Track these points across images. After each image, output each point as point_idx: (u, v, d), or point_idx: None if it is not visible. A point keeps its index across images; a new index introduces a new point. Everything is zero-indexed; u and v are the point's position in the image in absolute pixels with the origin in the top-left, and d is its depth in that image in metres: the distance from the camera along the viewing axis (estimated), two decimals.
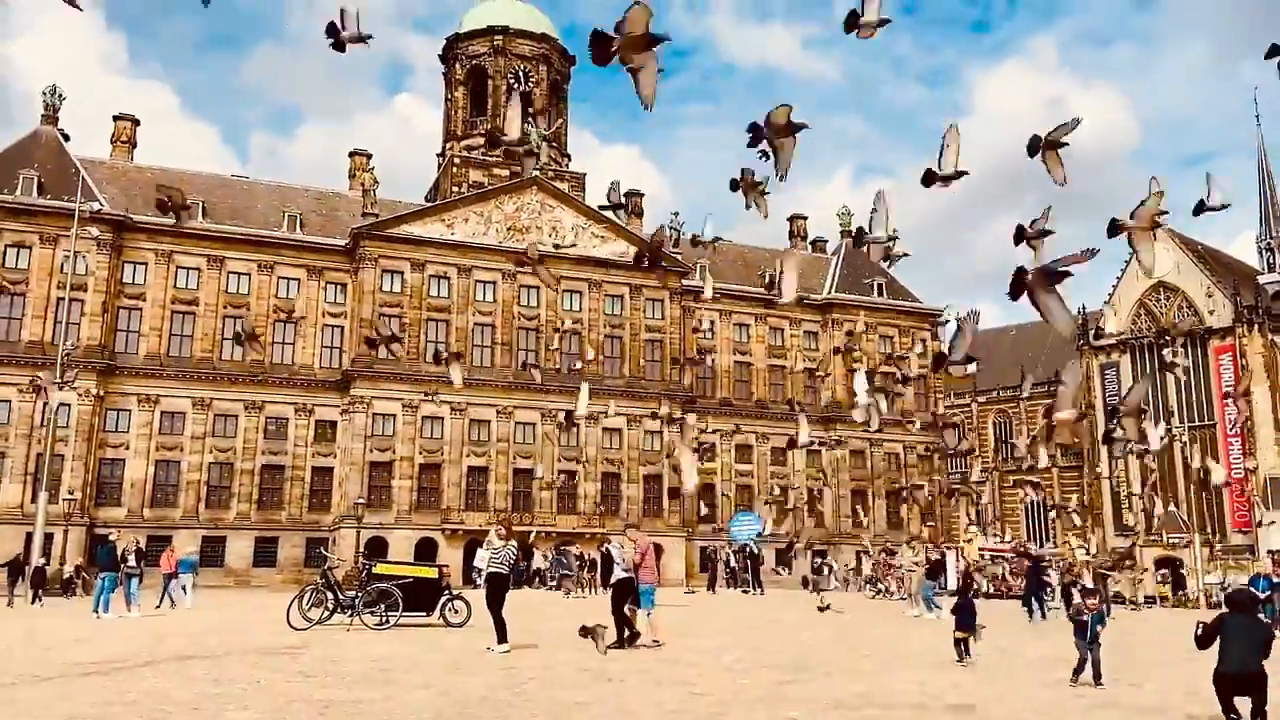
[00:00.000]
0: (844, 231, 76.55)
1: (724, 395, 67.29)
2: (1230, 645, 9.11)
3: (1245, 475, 77.14)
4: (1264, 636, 9.32)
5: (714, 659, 13.83)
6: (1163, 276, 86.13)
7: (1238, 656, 9.05)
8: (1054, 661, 13.09)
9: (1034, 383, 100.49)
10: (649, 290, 64.79)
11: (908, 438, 70.28)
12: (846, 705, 9.56)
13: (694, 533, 62.48)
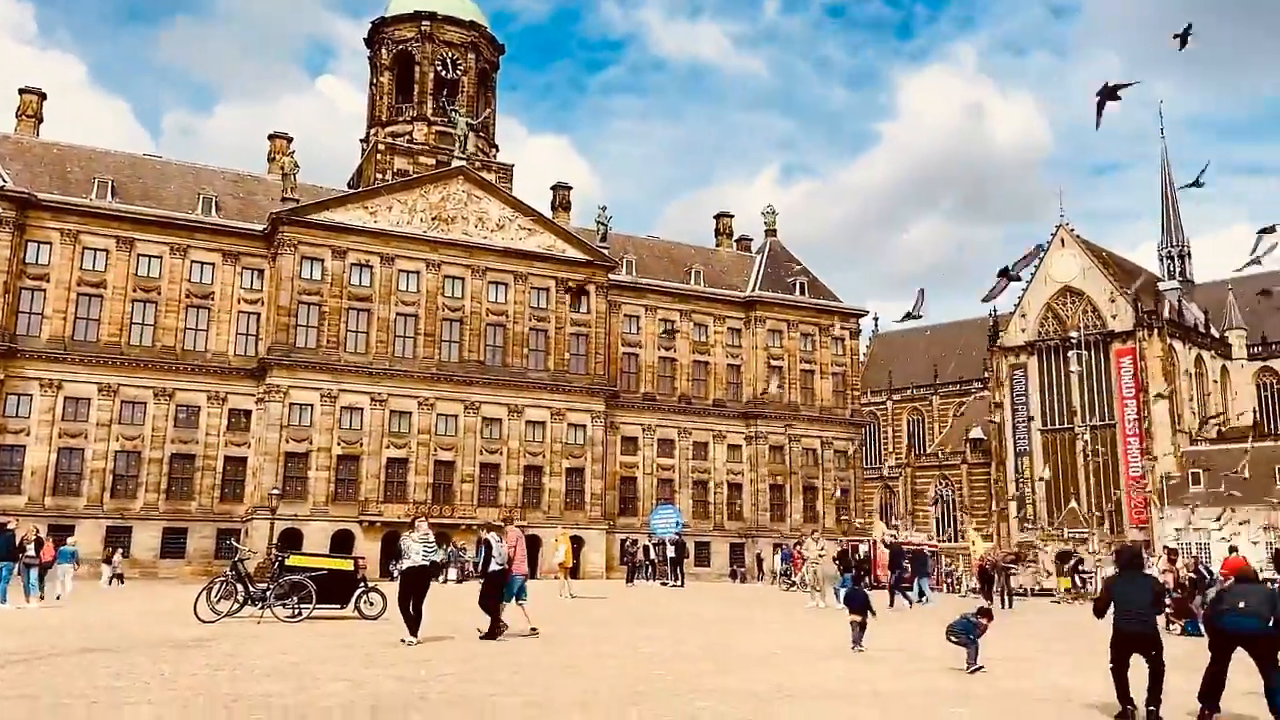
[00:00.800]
0: (768, 230, 77.55)
1: (648, 390, 67.54)
2: (1122, 604, 9.41)
3: (1143, 474, 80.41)
4: (1154, 590, 9.64)
5: (632, 650, 13.93)
6: (1069, 281, 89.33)
7: (1132, 614, 9.35)
8: (945, 652, 13.50)
9: (945, 382, 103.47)
10: (575, 284, 64.61)
11: (825, 433, 71.53)
12: (760, 696, 9.73)
13: (614, 526, 62.65)
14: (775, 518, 68.82)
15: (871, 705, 9.34)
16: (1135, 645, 9.41)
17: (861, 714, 8.81)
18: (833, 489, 71.14)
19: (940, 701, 9.66)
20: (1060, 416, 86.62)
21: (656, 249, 74.09)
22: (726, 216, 79.65)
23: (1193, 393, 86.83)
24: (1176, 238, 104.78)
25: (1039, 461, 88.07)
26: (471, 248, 61.62)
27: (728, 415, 69.42)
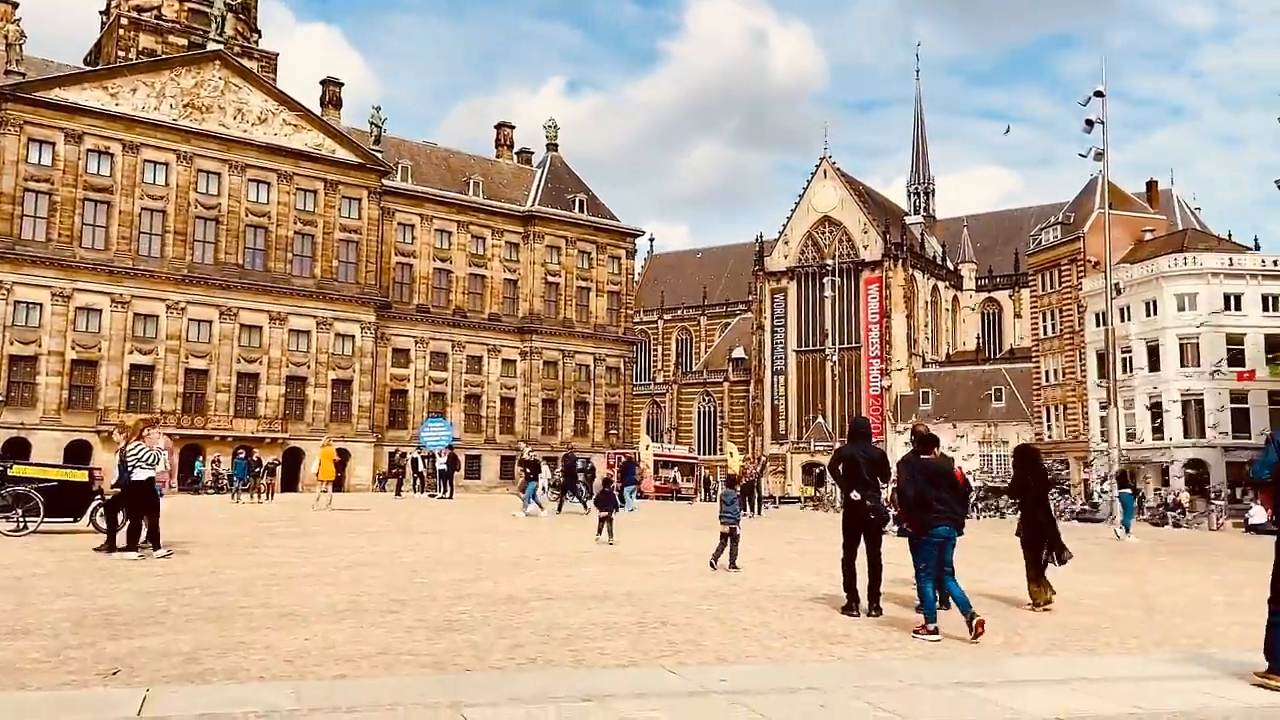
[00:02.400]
0: (550, 145, 76.84)
1: (421, 301, 66.11)
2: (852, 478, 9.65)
3: (881, 392, 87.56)
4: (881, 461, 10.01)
5: (392, 560, 13.91)
6: (829, 212, 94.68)
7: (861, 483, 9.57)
8: (697, 556, 14.40)
9: (713, 303, 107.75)
10: (346, 188, 61.69)
11: (599, 350, 72.90)
12: (518, 599, 10.03)
13: (383, 438, 61.53)
14: (547, 431, 69.83)
15: (625, 603, 9.85)
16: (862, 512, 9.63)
17: (616, 611, 9.27)
18: (603, 404, 72.88)
19: (692, 599, 10.32)
20: (814, 338, 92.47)
21: (434, 156, 71.82)
22: (508, 127, 78.14)
23: (928, 319, 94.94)
24: (923, 176, 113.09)
25: (793, 380, 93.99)
26: (229, 141, 57.34)
27: (504, 330, 69.23)
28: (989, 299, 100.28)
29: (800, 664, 7.16)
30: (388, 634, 7.78)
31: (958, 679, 6.68)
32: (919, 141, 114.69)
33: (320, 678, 6.20)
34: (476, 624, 8.39)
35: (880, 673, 6.87)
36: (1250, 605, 11.74)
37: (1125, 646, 8.45)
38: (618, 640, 7.80)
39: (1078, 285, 67.76)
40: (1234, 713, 5.93)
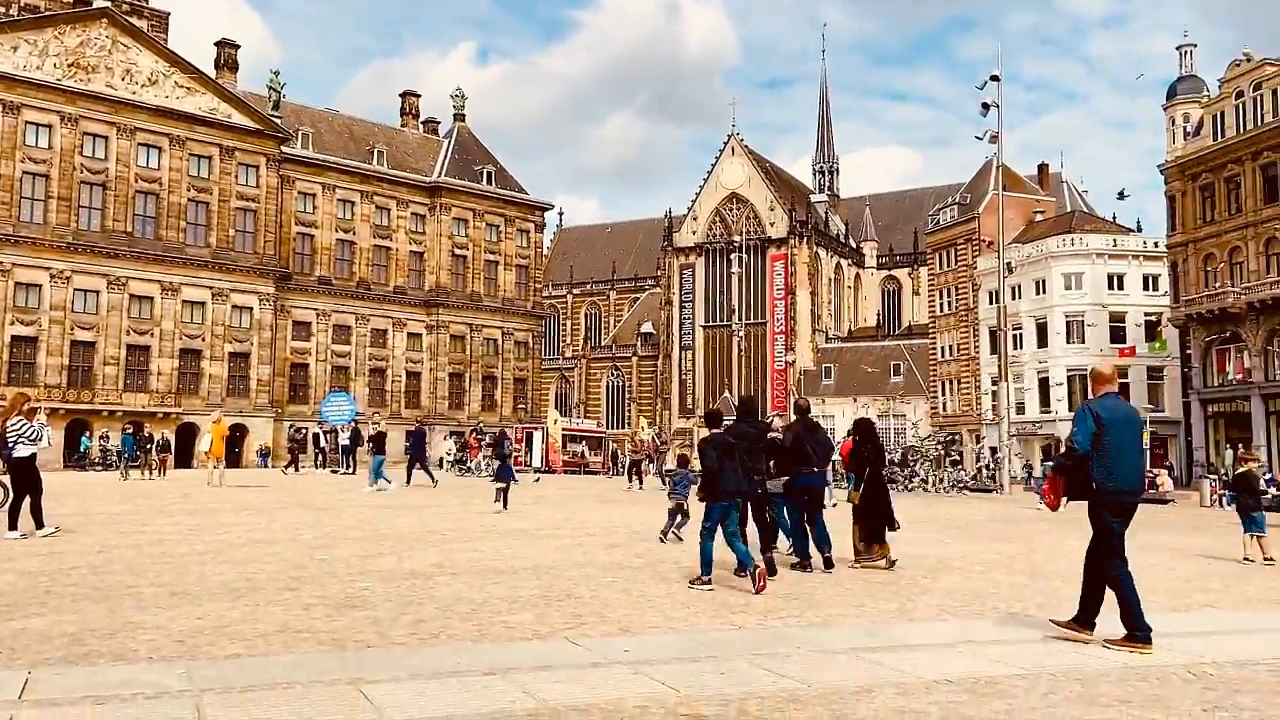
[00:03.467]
0: (457, 115, 75.52)
1: (323, 273, 64.52)
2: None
3: (786, 367, 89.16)
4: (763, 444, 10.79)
5: (291, 537, 13.63)
6: (736, 189, 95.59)
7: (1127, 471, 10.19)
8: (605, 529, 14.53)
9: (622, 278, 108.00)
10: (243, 154, 59.61)
11: (507, 324, 72.34)
12: (421, 574, 9.94)
13: (283, 413, 60.06)
14: (454, 406, 69.15)
15: (530, 577, 9.86)
16: None
17: (521, 585, 9.28)
18: (511, 378, 72.44)
19: (597, 572, 10.39)
20: (721, 314, 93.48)
21: (336, 124, 69.92)
22: (413, 95, 76.51)
23: (832, 296, 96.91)
24: (828, 155, 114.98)
25: (700, 355, 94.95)
26: (117, 103, 54.80)
27: (409, 303, 68.14)
28: (889, 277, 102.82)
29: (703, 633, 7.29)
30: (285, 612, 7.64)
31: (852, 644, 6.90)
32: (824, 121, 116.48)
33: (213, 658, 6.05)
34: (378, 600, 8.30)
35: (779, 639, 7.04)
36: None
37: (1010, 611, 8.83)
38: (522, 614, 7.81)
39: (973, 264, 69.99)
40: (1111, 671, 6.26)
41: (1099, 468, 7.01)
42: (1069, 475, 7.25)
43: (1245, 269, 47.33)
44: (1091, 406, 7.16)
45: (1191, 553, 14.94)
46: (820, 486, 11.44)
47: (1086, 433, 7.02)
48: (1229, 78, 49.41)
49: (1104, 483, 7.03)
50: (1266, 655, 6.89)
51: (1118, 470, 7.04)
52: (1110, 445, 7.02)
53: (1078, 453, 7.05)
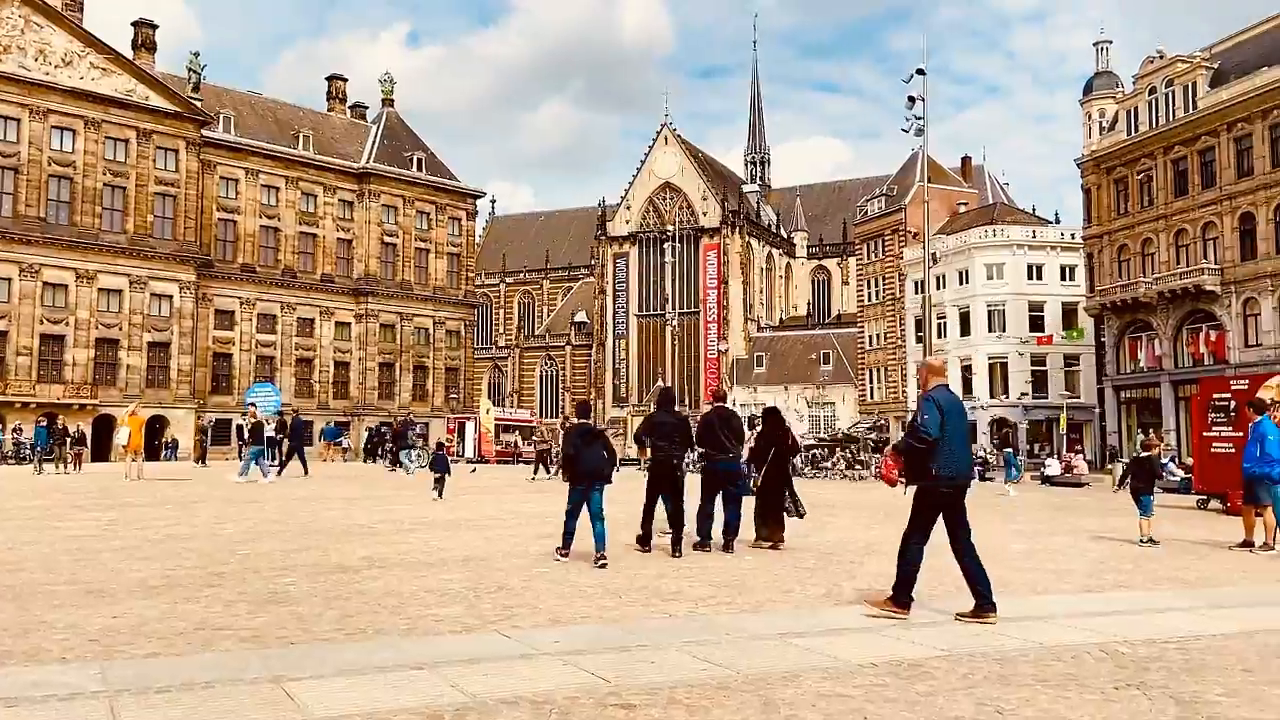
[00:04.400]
0: (386, 99, 74.28)
1: (247, 261, 63.02)
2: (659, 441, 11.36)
3: (719, 356, 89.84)
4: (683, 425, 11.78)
5: (211, 531, 13.32)
6: (669, 178, 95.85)
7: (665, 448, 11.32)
8: (536, 521, 14.48)
9: (556, 267, 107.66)
10: (161, 138, 57.85)
11: (439, 313, 71.56)
12: (348, 568, 9.80)
13: (205, 404, 58.64)
14: (384, 396, 68.25)
15: (460, 569, 9.78)
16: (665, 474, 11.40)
17: (451, 577, 9.20)
18: (443, 368, 71.71)
19: (528, 563, 10.36)
20: (655, 303, 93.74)
21: (260, 107, 68.25)
22: (340, 80, 75.05)
23: (764, 285, 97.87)
24: (760, 145, 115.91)
25: (634, 344, 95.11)
26: (29, 84, 52.78)
27: (337, 291, 66.98)
28: (819, 266, 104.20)
29: (634, 622, 7.32)
30: (205, 609, 7.46)
31: (781, 630, 6.99)
32: (756, 112, 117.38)
33: (130, 657, 5.89)
34: (303, 595, 8.15)
35: (709, 627, 7.10)
36: (1042, 552, 12.78)
37: (933, 594, 9.04)
38: (452, 606, 7.75)
39: (899, 255, 71.30)
40: (1029, 651, 6.45)
41: (936, 455, 7.41)
42: (913, 459, 7.62)
43: (1156, 260, 49.04)
44: (934, 396, 7.55)
45: (1104, 535, 15.46)
46: (735, 470, 11.91)
47: (936, 421, 7.38)
48: (1143, 74, 51.03)
49: (940, 469, 7.43)
50: (1175, 633, 7.17)
51: (953, 458, 7.48)
52: (948, 434, 7.42)
53: (930, 438, 7.38)
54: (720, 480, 11.80)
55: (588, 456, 10.44)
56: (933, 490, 7.50)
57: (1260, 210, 43.47)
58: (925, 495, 7.54)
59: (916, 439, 7.47)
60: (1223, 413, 21.44)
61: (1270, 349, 42.76)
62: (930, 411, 7.42)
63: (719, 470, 11.79)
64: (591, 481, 10.47)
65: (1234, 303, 44.93)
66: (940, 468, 7.43)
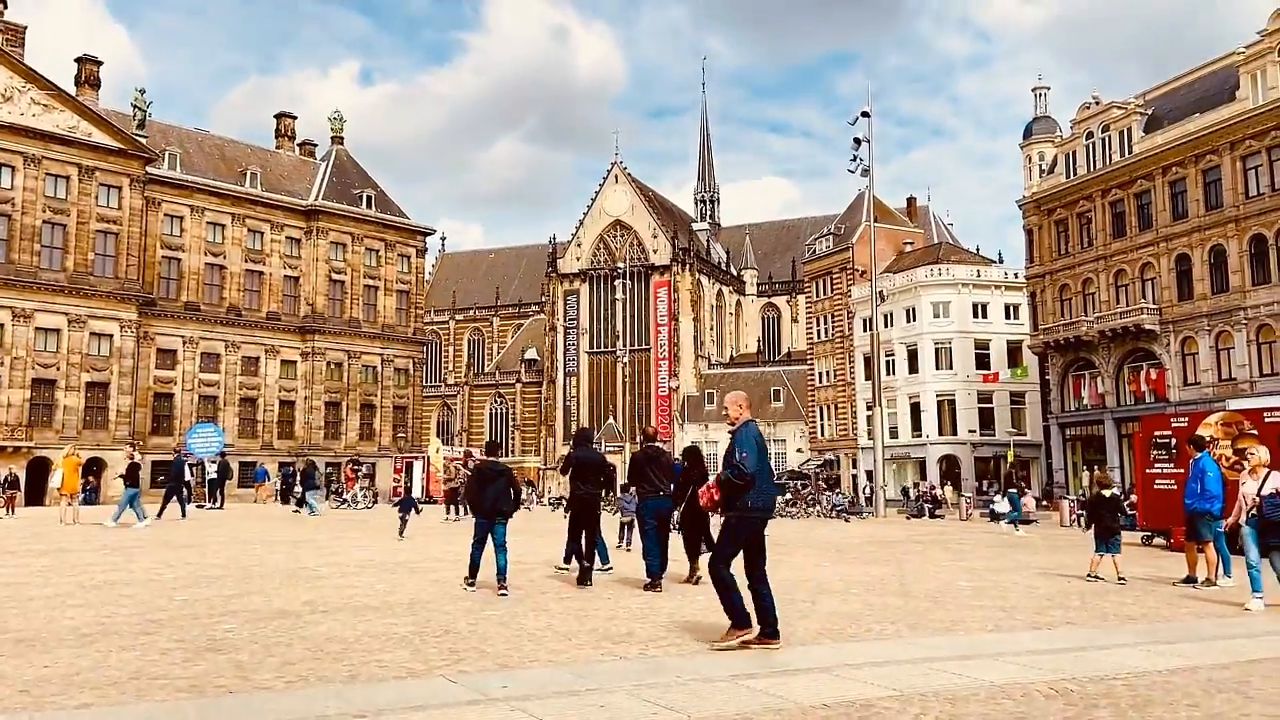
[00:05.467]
0: (335, 137, 73.96)
1: (191, 299, 61.95)
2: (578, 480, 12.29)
3: (669, 393, 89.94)
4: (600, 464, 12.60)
5: (150, 576, 12.91)
6: (620, 216, 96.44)
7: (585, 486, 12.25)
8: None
9: (506, 304, 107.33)
10: (104, 174, 56.92)
11: (387, 351, 70.83)
12: (291, 614, 9.55)
13: (145, 446, 57.17)
14: (330, 435, 67.20)
15: (406, 613, 9.58)
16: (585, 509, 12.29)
17: (397, 621, 9.01)
18: (391, 406, 70.85)
19: (476, 605, 10.18)
20: (606, 340, 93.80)
21: (207, 144, 67.53)
22: (289, 117, 74.58)
23: (714, 322, 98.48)
24: (709, 184, 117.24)
25: (585, 381, 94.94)
26: None
27: (283, 329, 66.02)
28: (769, 304, 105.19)
29: (583, 665, 7.20)
30: (140, 657, 7.20)
31: (733, 672, 6.92)
32: (705, 152, 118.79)
33: (61, 708, 5.65)
34: (242, 642, 7.91)
35: (659, 670, 7.01)
36: (992, 589, 12.87)
37: (884, 633, 9.04)
38: (397, 651, 7.57)
39: (847, 293, 72.24)
40: (979, 690, 6.45)
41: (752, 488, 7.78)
42: (730, 491, 7.89)
43: (1097, 299, 50.25)
44: (753, 434, 7.91)
45: (1051, 571, 15.63)
46: (667, 508, 12.43)
47: (755, 458, 7.74)
48: (1080, 119, 52.61)
49: (754, 501, 7.83)
50: (1122, 670, 7.23)
51: (764, 491, 7.91)
52: (760, 469, 7.81)
53: (748, 474, 7.71)
54: (652, 517, 12.27)
55: (490, 493, 11.20)
56: (747, 520, 7.84)
57: (1195, 252, 44.82)
58: (739, 525, 7.86)
59: (737, 474, 7.77)
60: (1164, 450, 21.90)
61: (1208, 387, 43.88)
62: (749, 448, 7.74)
63: (650, 507, 12.29)
64: (493, 517, 11.20)
65: (1172, 342, 46.12)
66: (754, 499, 7.81)
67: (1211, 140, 44.02)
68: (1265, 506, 11.12)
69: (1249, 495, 11.38)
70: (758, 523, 7.92)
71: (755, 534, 7.91)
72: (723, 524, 7.96)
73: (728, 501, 7.91)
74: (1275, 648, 8.49)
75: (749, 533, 7.88)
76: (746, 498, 7.78)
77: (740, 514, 7.84)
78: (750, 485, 7.74)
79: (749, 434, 7.85)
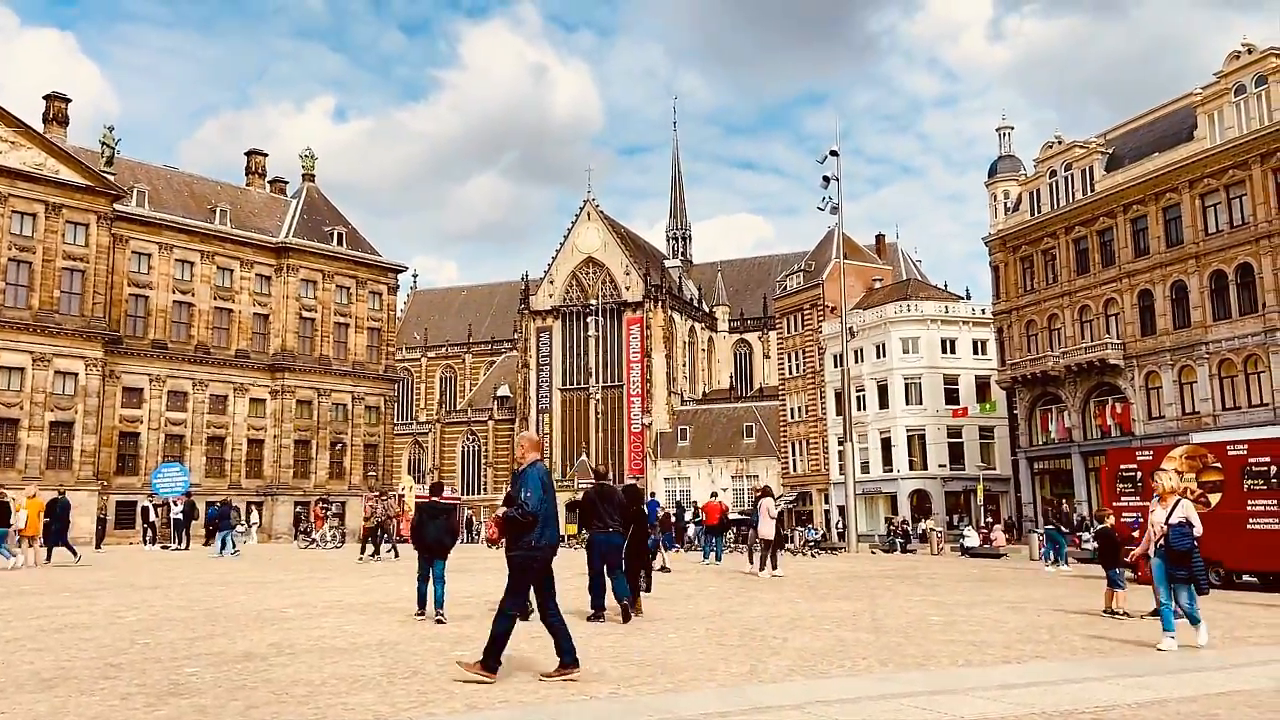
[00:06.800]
0: (306, 175, 73.88)
1: (158, 336, 61.26)
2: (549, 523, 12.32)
3: (642, 429, 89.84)
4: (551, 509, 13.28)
5: (112, 618, 12.67)
6: (592, 253, 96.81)
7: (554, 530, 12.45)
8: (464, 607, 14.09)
9: (478, 341, 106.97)
10: (71, 212, 56.41)
11: (358, 388, 70.31)
12: (256, 656, 9.40)
13: (110, 486, 56.29)
14: (299, 474, 66.39)
15: (374, 654, 9.45)
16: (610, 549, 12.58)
17: (365, 663, 8.88)
18: (362, 444, 70.19)
19: (445, 646, 10.06)
20: (578, 377, 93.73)
21: (176, 181, 67.17)
22: (260, 154, 74.41)
23: (686, 359, 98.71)
24: (681, 222, 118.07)
25: (558, 418, 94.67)
26: None
27: (252, 367, 65.38)
28: (741, 340, 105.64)
29: (554, 705, 7.13)
30: (101, 703, 7.05)
31: (703, 710, 6.88)
32: (677, 189, 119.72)
33: None
34: (206, 686, 7.77)
35: (629, 710, 6.96)
36: (962, 623, 12.90)
37: (856, 668, 9.03)
38: (364, 694, 7.46)
39: (818, 329, 72.77)
40: None
41: (539, 527, 7.96)
42: (513, 529, 8.05)
43: (1063, 334, 50.95)
44: (538, 473, 8.11)
45: (1022, 605, 15.69)
46: (616, 544, 12.59)
47: (539, 498, 7.96)
48: (1043, 158, 53.64)
49: (539, 540, 7.98)
50: (1091, 703, 7.26)
51: (549, 529, 8.05)
52: (546, 509, 8.01)
53: (530, 513, 7.90)
54: (602, 552, 12.53)
55: (430, 531, 12.20)
56: (533, 559, 7.98)
57: (1157, 288, 45.63)
58: (525, 564, 7.98)
59: (521, 513, 7.95)
60: (1130, 483, 22.14)
61: (1173, 421, 44.48)
62: (534, 488, 7.95)
63: (599, 543, 12.53)
64: (435, 552, 12.22)
65: (1137, 376, 46.79)
66: (539, 538, 7.96)
67: (1171, 179, 45.01)
68: (1172, 535, 10.41)
69: (1157, 524, 10.66)
70: (543, 560, 8.06)
71: (541, 570, 8.06)
72: (509, 562, 8.06)
73: (513, 540, 8.02)
74: (1242, 681, 8.57)
75: (535, 570, 8.01)
76: (530, 536, 7.93)
77: (525, 552, 7.97)
78: (534, 524, 7.90)
79: (535, 474, 8.06)
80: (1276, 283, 40.29)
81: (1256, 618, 14.08)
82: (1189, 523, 10.43)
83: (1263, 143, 40.93)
